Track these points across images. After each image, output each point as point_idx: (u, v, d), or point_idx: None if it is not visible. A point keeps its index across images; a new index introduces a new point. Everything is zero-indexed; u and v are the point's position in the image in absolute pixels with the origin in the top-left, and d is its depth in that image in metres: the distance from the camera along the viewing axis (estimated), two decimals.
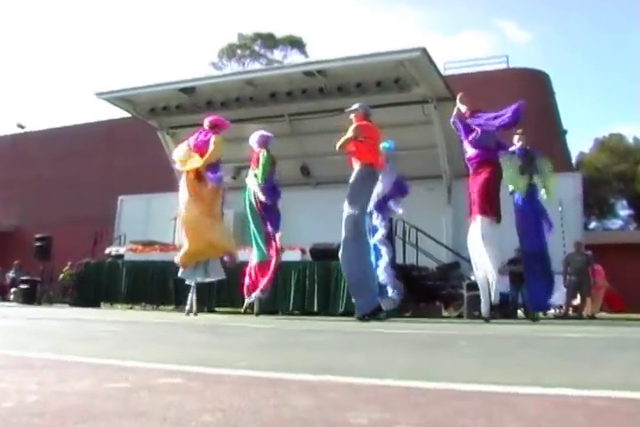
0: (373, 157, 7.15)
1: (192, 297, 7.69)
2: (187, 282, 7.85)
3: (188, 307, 7.68)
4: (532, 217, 7.97)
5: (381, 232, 7.87)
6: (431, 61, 11.04)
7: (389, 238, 8.07)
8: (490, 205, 7.16)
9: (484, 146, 7.30)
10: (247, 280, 7.87)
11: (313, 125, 13.19)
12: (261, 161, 7.96)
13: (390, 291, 7.70)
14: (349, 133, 7.04)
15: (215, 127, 7.94)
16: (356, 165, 7.09)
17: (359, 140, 7.01)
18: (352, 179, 7.08)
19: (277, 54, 37.94)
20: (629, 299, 16.94)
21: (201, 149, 7.71)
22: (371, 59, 11.53)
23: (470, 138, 7.34)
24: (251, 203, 8.00)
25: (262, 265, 7.86)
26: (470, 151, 7.44)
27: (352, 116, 7.40)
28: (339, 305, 8.99)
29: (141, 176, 23.22)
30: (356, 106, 7.48)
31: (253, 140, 8.25)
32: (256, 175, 7.94)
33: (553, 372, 2.07)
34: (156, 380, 1.72)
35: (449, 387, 1.63)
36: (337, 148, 7.06)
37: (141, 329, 4.74)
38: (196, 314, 7.65)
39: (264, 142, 8.16)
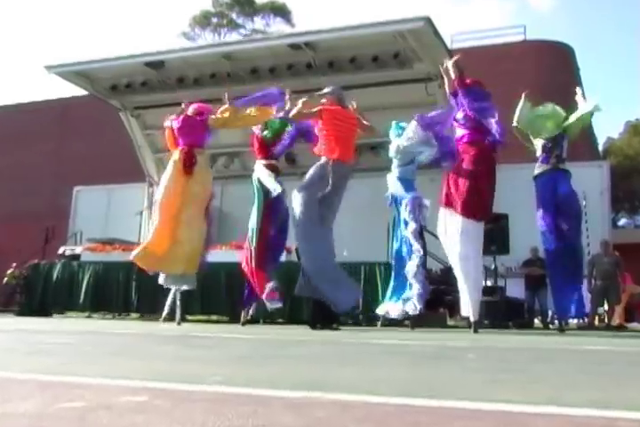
0: (343, 148, 7.23)
1: (170, 303, 7.87)
2: (174, 288, 8.11)
3: (165, 313, 7.81)
4: (556, 207, 7.73)
5: (412, 226, 7.81)
6: (436, 33, 11.03)
7: (421, 234, 7.98)
8: (475, 204, 7.16)
9: (474, 126, 7.31)
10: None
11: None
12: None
13: (417, 294, 7.62)
14: (312, 111, 7.29)
15: (201, 115, 8.14)
16: (322, 158, 7.28)
17: (331, 126, 7.20)
18: (309, 172, 7.35)
19: (258, 23, 37.76)
20: None
21: (194, 130, 8.01)
22: (366, 30, 11.50)
23: (458, 118, 7.39)
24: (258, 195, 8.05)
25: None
26: (460, 132, 7.48)
27: (323, 100, 7.49)
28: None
29: (101, 164, 23.13)
30: (327, 89, 7.61)
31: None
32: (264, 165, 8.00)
33: (573, 389, 2.09)
34: (116, 398, 1.72)
35: (453, 405, 1.64)
36: (290, 115, 7.34)
37: (100, 341, 4.74)
38: (179, 323, 7.87)
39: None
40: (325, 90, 7.60)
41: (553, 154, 7.84)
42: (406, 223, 7.87)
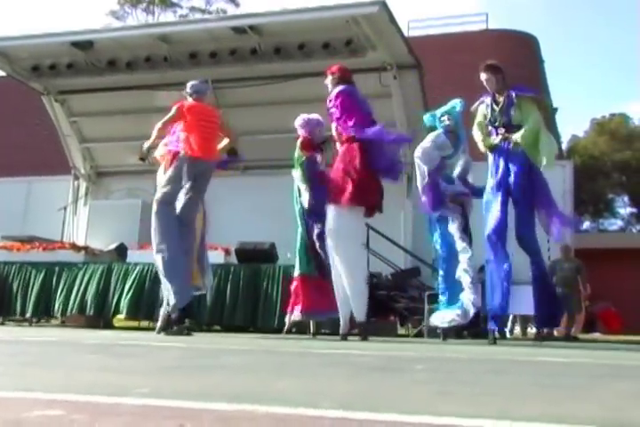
0: (204, 145, 7.44)
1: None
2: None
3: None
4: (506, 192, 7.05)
5: (455, 222, 7.53)
6: (392, 19, 11.10)
7: (466, 231, 7.64)
8: (343, 189, 7.12)
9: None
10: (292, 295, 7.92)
11: (243, 95, 13.13)
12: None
13: (468, 299, 7.31)
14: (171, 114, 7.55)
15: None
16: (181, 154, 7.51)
17: (194, 125, 7.44)
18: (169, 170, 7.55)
19: (198, 1, 37.50)
20: (627, 317, 17.38)
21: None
22: (316, 14, 11.53)
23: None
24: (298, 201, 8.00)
25: (304, 278, 7.89)
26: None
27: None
28: (271, 319, 9.02)
29: (19, 153, 22.73)
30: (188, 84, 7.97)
31: (297, 123, 8.23)
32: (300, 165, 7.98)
33: (526, 403, 2.13)
34: (28, 412, 1.70)
35: (397, 419, 1.67)
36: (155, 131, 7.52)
37: (14, 350, 4.66)
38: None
39: (312, 128, 8.13)
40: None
41: (500, 122, 7.14)
42: (448, 219, 7.57)
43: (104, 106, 14.00)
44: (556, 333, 11.48)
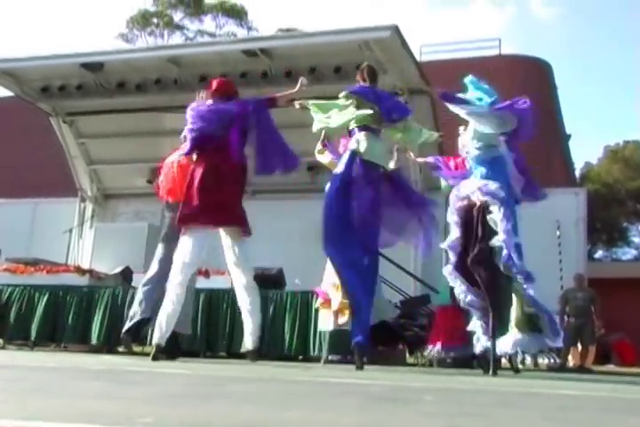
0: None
1: None
2: None
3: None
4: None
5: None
6: (404, 44, 11.19)
7: None
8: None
9: None
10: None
11: None
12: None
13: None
14: None
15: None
16: None
17: None
18: None
19: (209, 24, 37.77)
20: None
21: None
22: (328, 37, 11.62)
23: None
24: None
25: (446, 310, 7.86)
26: None
27: None
28: (281, 346, 8.99)
29: (25, 175, 22.81)
30: None
31: None
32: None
33: None
34: None
35: None
36: None
37: (16, 376, 4.64)
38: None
39: None
40: None
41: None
42: None
43: (112, 128, 14.11)
44: (572, 363, 11.41)
